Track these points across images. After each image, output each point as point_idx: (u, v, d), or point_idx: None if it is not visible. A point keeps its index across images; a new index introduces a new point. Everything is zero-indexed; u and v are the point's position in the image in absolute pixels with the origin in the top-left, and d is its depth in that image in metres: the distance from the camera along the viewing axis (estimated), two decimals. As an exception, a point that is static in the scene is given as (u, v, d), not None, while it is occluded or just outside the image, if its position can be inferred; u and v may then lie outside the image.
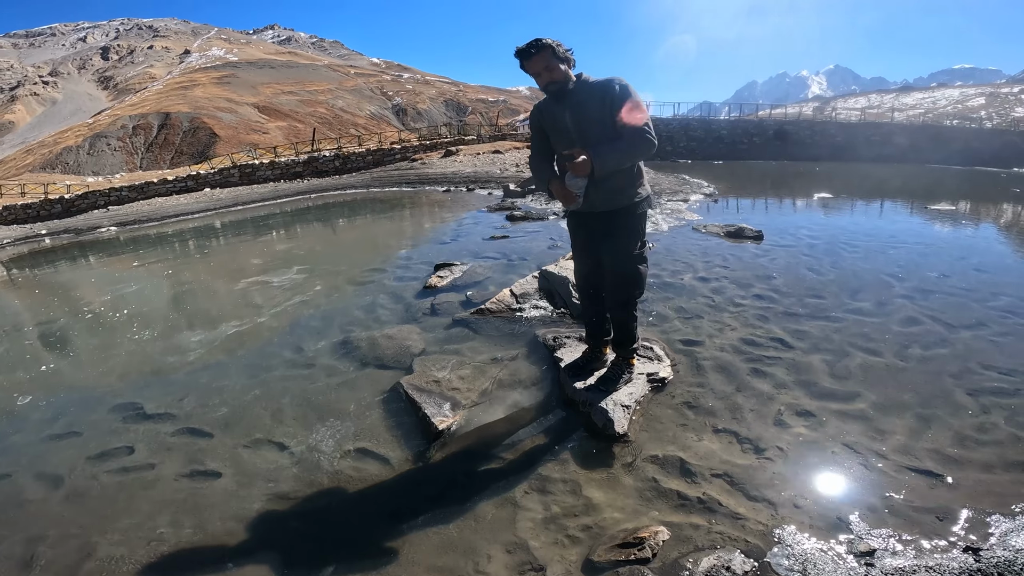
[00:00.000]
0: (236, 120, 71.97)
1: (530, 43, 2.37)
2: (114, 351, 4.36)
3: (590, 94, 2.40)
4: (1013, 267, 5.36)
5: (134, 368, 3.93)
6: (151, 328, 4.86)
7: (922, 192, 13.36)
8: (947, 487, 2.10)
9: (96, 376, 3.87)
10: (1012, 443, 2.37)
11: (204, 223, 14.03)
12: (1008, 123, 50.37)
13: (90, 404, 3.40)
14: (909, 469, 2.21)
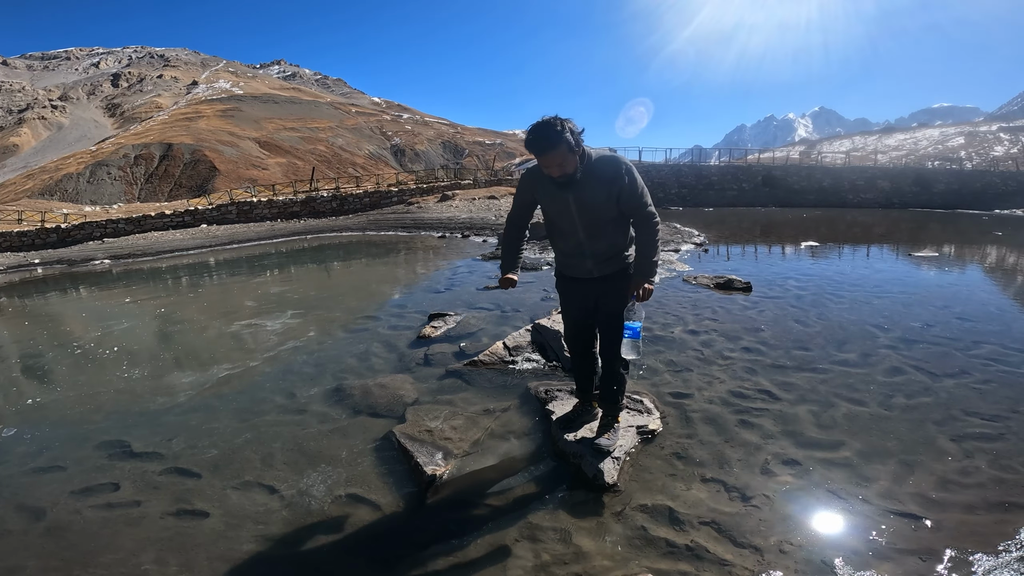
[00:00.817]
0: (237, 154, 73.05)
1: (546, 134, 2.25)
2: (102, 388, 4.35)
3: (597, 180, 2.38)
4: (995, 315, 5.50)
5: (122, 406, 3.93)
6: (141, 366, 4.86)
7: (906, 238, 13.73)
8: (930, 529, 2.15)
9: (83, 412, 3.87)
10: (995, 485, 2.44)
11: (199, 260, 14.11)
12: (988, 163, 52.09)
13: (76, 439, 3.40)
14: (892, 513, 2.26)
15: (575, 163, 2.33)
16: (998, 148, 66.61)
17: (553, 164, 2.30)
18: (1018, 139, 68.53)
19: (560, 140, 2.22)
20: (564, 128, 2.23)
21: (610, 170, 2.38)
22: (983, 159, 58.53)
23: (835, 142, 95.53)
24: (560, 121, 2.24)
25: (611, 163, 2.40)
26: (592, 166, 2.38)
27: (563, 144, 2.23)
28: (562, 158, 2.28)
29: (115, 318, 7.18)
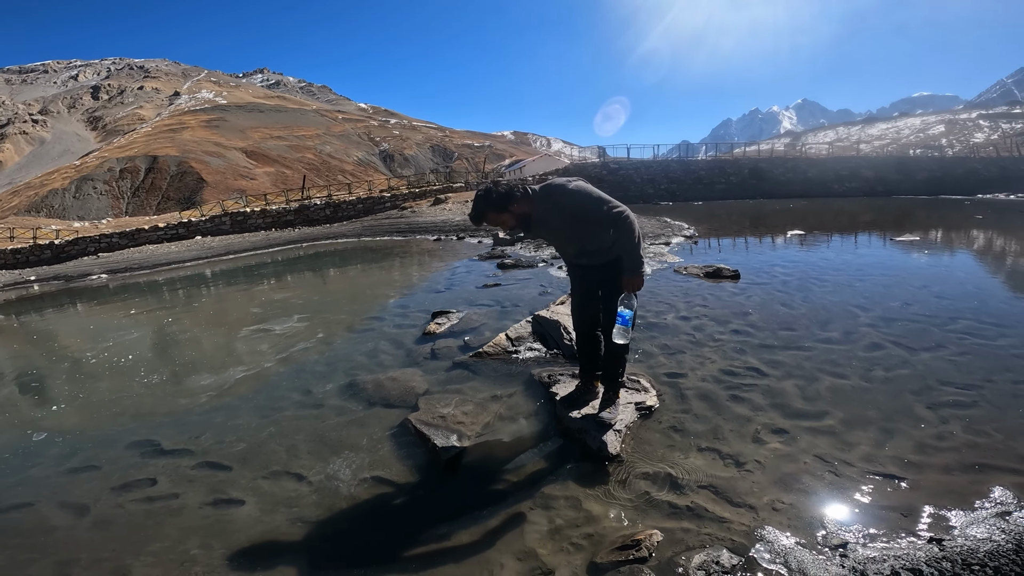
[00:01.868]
0: (224, 165, 72.64)
1: (475, 209, 2.71)
2: (123, 393, 4.53)
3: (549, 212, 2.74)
4: (972, 293, 5.79)
5: (146, 408, 4.11)
6: (158, 372, 5.04)
7: (890, 225, 14.08)
8: (909, 488, 2.37)
9: (109, 416, 4.04)
10: (968, 448, 2.66)
11: (197, 271, 14.21)
12: (968, 149, 52.95)
13: (106, 441, 3.57)
14: (874, 474, 2.48)
15: (516, 216, 2.71)
16: (978, 135, 67.71)
17: (496, 225, 2.75)
18: (997, 126, 69.67)
19: (481, 214, 2.70)
20: (489, 197, 2.66)
21: (553, 201, 2.71)
22: (964, 146, 59.49)
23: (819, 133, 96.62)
24: (488, 192, 2.68)
25: (553, 194, 2.72)
26: (540, 204, 2.73)
27: (489, 211, 2.68)
28: (496, 220, 2.72)
29: (123, 329, 7.32)
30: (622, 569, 1.97)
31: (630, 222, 2.64)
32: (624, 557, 1.99)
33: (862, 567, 1.90)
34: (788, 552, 2.01)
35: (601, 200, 2.66)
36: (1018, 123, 67.01)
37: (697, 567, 1.95)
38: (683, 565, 1.97)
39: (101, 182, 66.53)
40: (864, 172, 32.58)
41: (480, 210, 2.70)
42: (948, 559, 1.90)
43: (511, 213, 2.70)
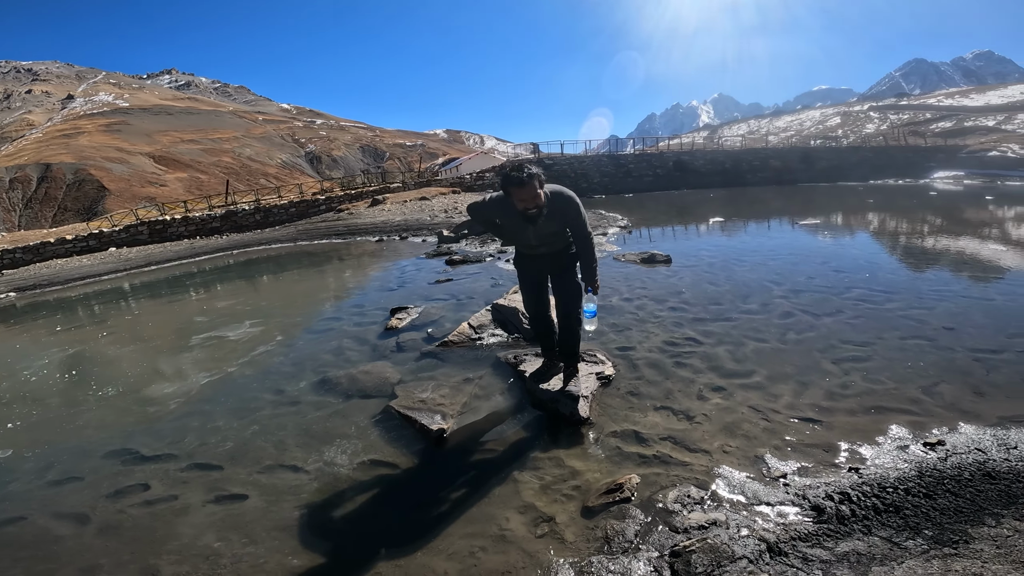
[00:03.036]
0: (129, 171, 67.15)
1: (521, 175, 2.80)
2: (81, 408, 4.39)
3: (553, 213, 2.98)
4: (864, 266, 6.73)
5: (111, 421, 4.04)
6: (112, 386, 4.89)
7: (796, 210, 15.58)
8: (826, 429, 2.91)
9: (73, 430, 3.94)
10: (867, 394, 3.27)
11: (116, 285, 13.33)
12: (861, 139, 58.56)
13: (80, 453, 3.51)
14: (797, 419, 3.02)
15: (543, 200, 2.90)
16: (869, 126, 74.86)
17: (528, 197, 2.85)
18: (886, 117, 77.27)
19: (533, 178, 2.82)
20: (535, 173, 2.83)
21: (563, 205, 3.00)
22: (857, 136, 65.72)
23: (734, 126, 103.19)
24: (531, 166, 2.85)
25: (564, 200, 3.01)
26: (550, 203, 2.97)
27: (535, 181, 2.83)
28: (534, 192, 2.85)
29: (54, 347, 6.89)
30: (611, 509, 2.35)
31: (593, 242, 3.14)
32: (611, 499, 2.38)
33: (803, 492, 2.37)
34: (743, 484, 2.47)
35: (586, 220, 3.10)
36: (904, 114, 74.64)
37: (673, 501, 2.37)
38: (661, 500, 2.39)
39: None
40: (773, 162, 35.38)
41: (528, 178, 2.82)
42: (867, 484, 2.39)
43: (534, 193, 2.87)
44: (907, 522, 2.11)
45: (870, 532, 2.08)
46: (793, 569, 1.91)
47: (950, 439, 2.69)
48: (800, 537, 2.08)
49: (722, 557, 1.98)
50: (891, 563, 1.89)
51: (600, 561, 2.06)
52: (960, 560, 1.85)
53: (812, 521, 2.17)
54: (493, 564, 2.13)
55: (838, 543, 2.03)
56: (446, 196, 23.09)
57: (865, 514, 2.18)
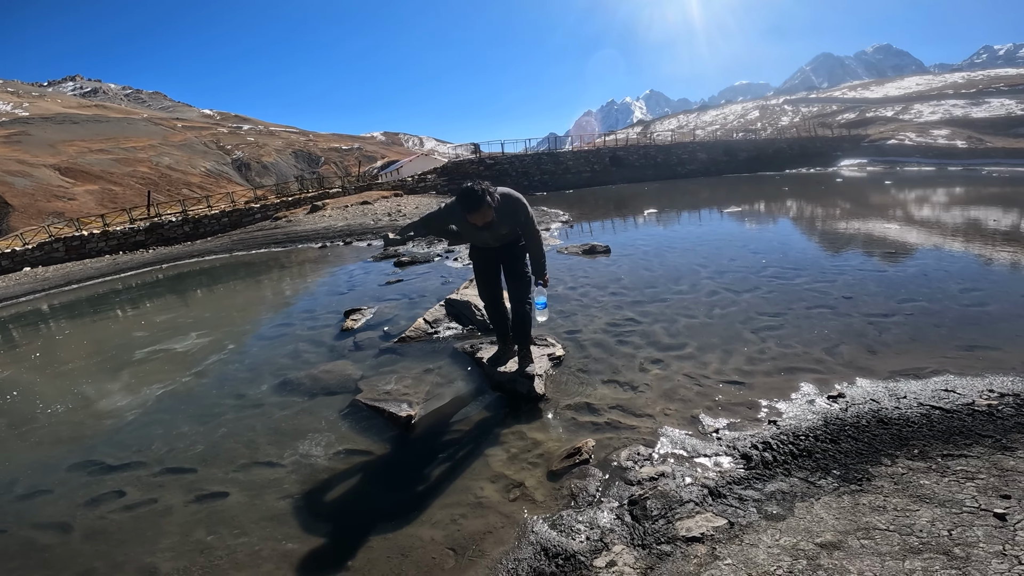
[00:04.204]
0: (32, 185, 61.60)
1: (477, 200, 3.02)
2: (31, 426, 4.25)
3: (504, 217, 3.27)
4: (777, 247, 7.49)
5: (67, 435, 3.95)
6: (59, 403, 4.72)
7: (721, 200, 16.71)
8: (748, 389, 3.35)
9: (28, 447, 3.85)
10: (781, 357, 3.77)
11: (37, 306, 12.42)
12: (777, 131, 62.66)
13: (42, 467, 3.46)
14: (724, 382, 3.46)
15: (493, 215, 3.18)
16: (784, 119, 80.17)
17: (480, 219, 3.13)
18: (799, 110, 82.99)
19: (483, 202, 3.03)
20: (486, 194, 3.04)
21: (512, 208, 3.29)
22: (774, 128, 70.27)
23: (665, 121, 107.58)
24: (483, 189, 3.05)
25: (513, 203, 3.29)
26: (501, 209, 3.21)
27: (486, 205, 3.05)
28: (488, 214, 3.12)
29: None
30: (573, 471, 2.67)
31: (541, 239, 3.50)
32: (572, 463, 2.70)
33: (732, 443, 2.77)
34: (683, 440, 2.86)
35: (533, 219, 3.44)
36: (814, 107, 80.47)
37: (626, 459, 2.72)
38: (616, 459, 2.74)
39: None
40: (700, 155, 37.41)
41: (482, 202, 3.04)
42: (784, 433, 2.80)
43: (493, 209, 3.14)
44: (818, 464, 2.51)
45: (790, 474, 2.47)
46: (732, 508, 2.28)
47: (849, 392, 3.17)
48: (735, 481, 2.46)
49: (672, 501, 2.34)
50: (810, 499, 2.27)
51: (569, 514, 2.37)
52: (866, 495, 2.24)
53: (743, 468, 2.56)
54: (474, 527, 2.38)
55: (766, 484, 2.41)
56: (388, 200, 22.90)
57: (784, 459, 2.58)
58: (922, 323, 4.17)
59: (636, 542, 2.15)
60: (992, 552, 1.82)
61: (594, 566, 2.05)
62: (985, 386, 3.08)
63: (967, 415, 2.79)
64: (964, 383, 3.14)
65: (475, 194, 3.04)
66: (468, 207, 3.08)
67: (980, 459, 2.40)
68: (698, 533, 2.12)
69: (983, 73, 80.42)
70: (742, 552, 2.00)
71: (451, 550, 2.26)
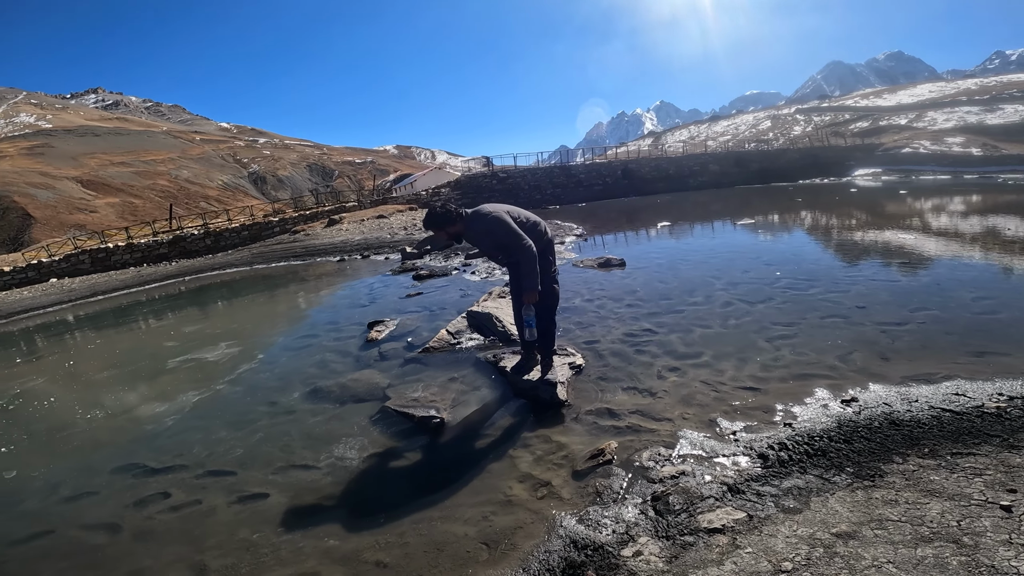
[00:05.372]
0: (55, 198, 63.12)
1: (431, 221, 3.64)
2: (72, 431, 4.46)
3: (476, 234, 3.70)
4: (790, 259, 7.60)
5: (108, 440, 4.15)
6: (98, 408, 4.95)
7: (734, 211, 16.80)
8: (763, 394, 3.48)
9: (70, 450, 4.04)
10: (795, 365, 3.88)
11: (64, 316, 12.82)
12: (789, 141, 62.44)
13: (86, 471, 3.63)
14: (740, 388, 3.59)
15: (453, 231, 3.67)
16: (796, 128, 79.73)
17: (444, 234, 3.68)
18: (811, 119, 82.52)
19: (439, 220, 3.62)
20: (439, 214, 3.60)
21: (485, 226, 3.63)
22: (786, 138, 70.05)
23: (676, 132, 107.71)
24: (440, 210, 3.63)
25: (485, 222, 3.62)
26: (470, 226, 3.66)
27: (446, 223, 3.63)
28: (441, 232, 3.67)
29: (19, 378, 6.73)
30: (597, 470, 2.82)
31: (530, 254, 3.59)
32: (596, 463, 2.85)
33: (749, 444, 2.90)
34: (701, 441, 2.99)
35: (512, 234, 3.60)
36: (826, 116, 79.98)
37: (647, 459, 2.87)
38: (638, 459, 2.88)
39: None
40: (711, 167, 37.50)
41: (428, 225, 3.71)
42: (799, 435, 2.92)
43: (447, 232, 3.68)
44: (832, 462, 2.65)
45: (805, 472, 2.60)
46: (751, 502, 2.42)
47: (862, 396, 3.29)
48: (752, 479, 2.60)
49: (693, 497, 2.49)
50: (825, 494, 2.41)
51: (595, 510, 2.51)
52: (878, 490, 2.38)
53: (760, 467, 2.69)
54: (505, 523, 2.53)
55: (782, 481, 2.55)
56: (404, 213, 23.28)
57: (800, 458, 2.71)
58: (934, 331, 4.27)
59: (660, 534, 2.30)
60: (999, 540, 1.94)
61: (621, 555, 2.20)
62: (995, 390, 3.18)
63: (976, 417, 2.90)
64: (974, 387, 3.25)
65: (433, 213, 3.65)
66: (426, 223, 3.71)
67: (988, 457, 2.52)
68: (719, 525, 2.26)
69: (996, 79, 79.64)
70: (761, 541, 2.14)
71: (484, 544, 2.40)
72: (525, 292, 3.62)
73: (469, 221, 3.66)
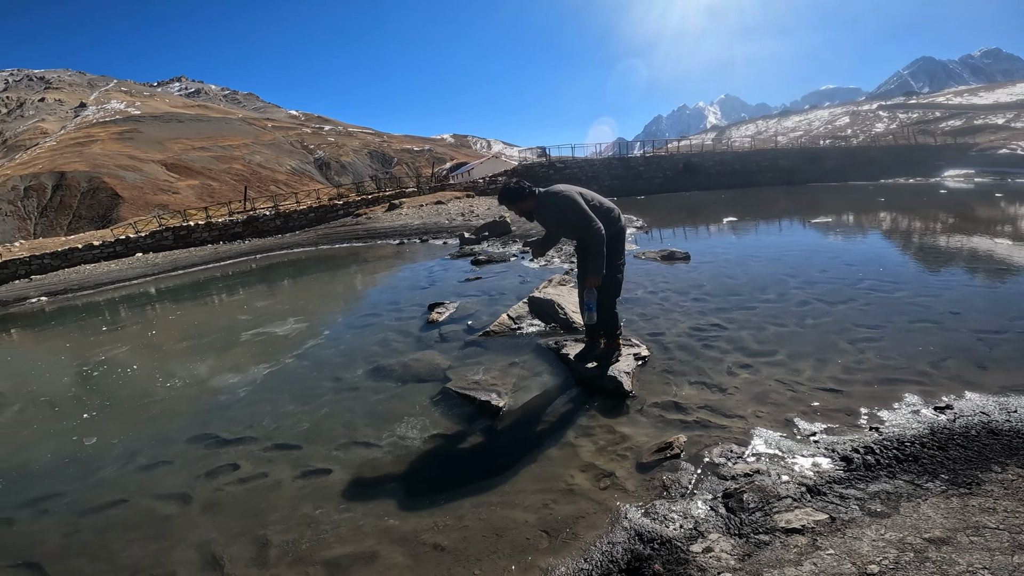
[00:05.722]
0: (141, 179, 68.12)
1: (508, 190, 3.63)
2: (151, 399, 4.73)
3: (546, 213, 3.66)
4: (874, 260, 7.07)
5: (185, 409, 4.35)
6: (176, 378, 5.27)
7: (806, 210, 15.88)
8: (846, 397, 3.26)
9: (149, 419, 4.25)
10: (881, 368, 3.61)
11: (147, 289, 13.81)
12: (870, 138, 58.43)
13: (162, 440, 3.76)
14: (819, 389, 3.38)
15: (524, 207, 3.68)
16: (879, 125, 74.50)
17: (517, 210, 3.72)
18: (895, 116, 76.85)
19: (512, 195, 3.63)
20: (512, 189, 3.62)
21: (554, 205, 3.59)
22: (867, 135, 65.54)
23: (741, 127, 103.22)
24: (513, 185, 3.64)
25: (555, 200, 3.58)
26: (541, 204, 3.65)
27: (517, 198, 3.65)
28: (513, 207, 3.70)
29: (106, 345, 7.28)
30: (664, 464, 2.72)
31: (599, 236, 3.50)
32: (663, 456, 2.75)
33: (832, 447, 2.72)
34: (777, 441, 2.84)
35: (584, 216, 3.51)
36: (913, 113, 74.35)
37: (718, 455, 2.75)
38: (707, 455, 2.77)
39: (4, 202, 61.01)
40: (781, 163, 35.60)
41: (502, 200, 3.72)
42: (887, 440, 2.74)
43: (518, 207, 3.67)
44: (925, 468, 2.47)
45: (895, 476, 2.43)
46: (833, 504, 2.27)
47: (957, 404, 3.03)
48: (835, 481, 2.44)
49: (769, 496, 2.36)
50: (916, 500, 2.24)
51: (663, 504, 2.43)
52: (975, 498, 2.20)
53: (843, 470, 2.52)
54: (566, 512, 2.48)
55: (868, 485, 2.39)
56: (461, 200, 23.53)
57: (888, 463, 2.54)
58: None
59: (732, 531, 2.19)
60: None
61: (690, 551, 2.11)
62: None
63: (1084, 431, 2.61)
64: (1083, 402, 2.92)
65: (506, 188, 3.66)
66: (500, 198, 3.73)
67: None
68: (798, 525, 2.14)
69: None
70: (845, 544, 2.00)
71: (544, 532, 2.36)
72: (589, 275, 3.55)
73: (541, 199, 3.63)
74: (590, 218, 3.49)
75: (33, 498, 3.20)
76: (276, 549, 2.46)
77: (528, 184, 3.67)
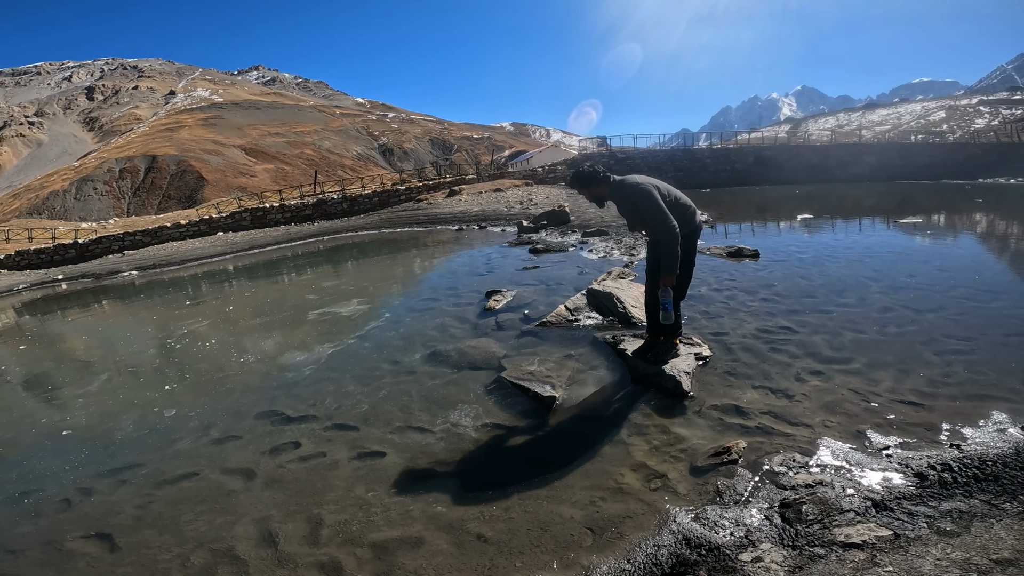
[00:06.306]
0: (223, 163, 72.61)
1: (581, 174, 3.59)
2: (226, 372, 5.03)
3: (621, 199, 3.60)
4: (970, 266, 6.44)
5: (255, 384, 4.60)
6: (249, 353, 5.62)
7: (892, 208, 14.70)
8: (927, 411, 3.00)
9: (223, 392, 4.49)
10: (970, 383, 3.30)
11: (223, 266, 14.74)
12: (969, 135, 53.22)
13: (233, 414, 3.95)
14: (898, 402, 3.12)
15: (595, 192, 3.61)
16: (979, 121, 67.73)
17: (588, 194, 3.66)
18: (998, 112, 69.65)
19: (585, 178, 3.58)
20: (585, 172, 3.58)
21: (629, 194, 3.51)
22: (964, 132, 59.72)
23: (820, 120, 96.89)
24: (587, 169, 3.59)
25: (630, 190, 3.49)
26: (616, 193, 3.59)
27: (590, 183, 3.58)
28: (584, 191, 3.66)
29: (189, 319, 7.87)
30: (720, 469, 2.62)
31: (673, 235, 3.33)
32: (719, 461, 2.65)
33: (905, 462, 2.52)
34: (845, 453, 2.66)
35: (659, 212, 3.36)
36: (1018, 109, 67.11)
37: (778, 464, 2.61)
38: (767, 463, 2.63)
39: (101, 183, 66.75)
40: (866, 158, 33.08)
41: (573, 182, 3.72)
42: (967, 458, 2.50)
43: (589, 192, 3.62)
44: (1005, 489, 2.26)
45: (970, 495, 2.23)
46: (899, 521, 2.11)
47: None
48: (905, 497, 2.27)
49: (831, 509, 2.21)
50: (990, 520, 2.06)
51: (714, 510, 2.34)
52: None
53: (915, 486, 2.34)
54: (614, 511, 2.43)
55: (941, 503, 2.21)
56: (520, 188, 23.53)
57: (966, 481, 2.34)
58: None
59: (786, 542, 2.08)
60: None
61: (739, 559, 2.02)
62: None
63: None
64: None
65: (579, 171, 3.63)
66: (572, 181, 3.75)
67: None
68: (859, 540, 2.01)
69: None
70: (906, 562, 1.86)
71: (589, 529, 2.33)
72: (663, 274, 3.42)
73: (615, 187, 3.56)
74: (665, 215, 3.36)
75: (114, 468, 3.40)
76: (328, 529, 2.52)
77: (603, 169, 3.60)
